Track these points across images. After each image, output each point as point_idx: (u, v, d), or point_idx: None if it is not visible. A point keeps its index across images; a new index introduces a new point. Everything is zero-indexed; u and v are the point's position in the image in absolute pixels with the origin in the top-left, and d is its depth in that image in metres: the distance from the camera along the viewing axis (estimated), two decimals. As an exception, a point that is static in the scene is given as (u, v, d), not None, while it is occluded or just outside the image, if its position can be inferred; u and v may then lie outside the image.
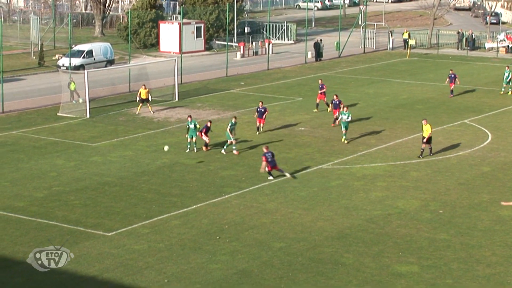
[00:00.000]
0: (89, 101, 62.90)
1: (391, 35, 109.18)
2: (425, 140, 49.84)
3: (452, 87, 70.10)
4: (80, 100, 64.15)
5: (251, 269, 33.31)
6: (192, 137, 51.72)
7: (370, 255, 35.00)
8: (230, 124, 51.90)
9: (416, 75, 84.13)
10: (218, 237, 36.62)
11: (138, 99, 63.62)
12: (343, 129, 53.60)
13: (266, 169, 45.35)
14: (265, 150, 45.49)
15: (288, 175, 45.94)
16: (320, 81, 64.94)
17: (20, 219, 39.08)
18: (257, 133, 57.02)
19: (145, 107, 63.21)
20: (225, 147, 51.60)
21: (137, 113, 62.54)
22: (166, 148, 49.86)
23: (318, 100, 63.55)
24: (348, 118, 53.14)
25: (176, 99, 68.85)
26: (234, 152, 51.54)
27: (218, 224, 38.22)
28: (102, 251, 34.88)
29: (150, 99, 63.68)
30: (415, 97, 70.74)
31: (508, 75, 71.14)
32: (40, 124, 60.08)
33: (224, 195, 43.24)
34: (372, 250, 35.57)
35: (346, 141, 53.56)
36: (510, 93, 70.28)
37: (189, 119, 52.60)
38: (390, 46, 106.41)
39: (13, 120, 61.47)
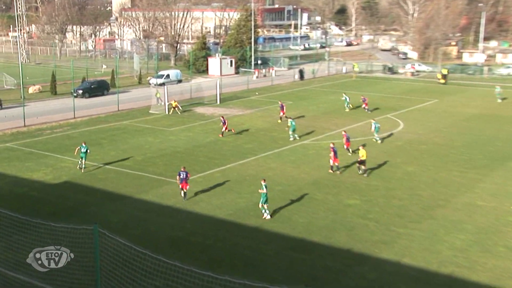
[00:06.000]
0: (167, 104, 62.58)
1: (344, 65, 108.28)
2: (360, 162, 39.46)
3: (366, 106, 64.17)
4: (162, 103, 63.95)
5: (262, 202, 33.23)
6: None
7: (331, 194, 34.88)
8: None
9: (359, 88, 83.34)
10: (245, 179, 36.58)
11: (169, 107, 62.21)
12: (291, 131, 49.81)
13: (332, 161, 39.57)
14: (332, 145, 39.58)
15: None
16: (280, 101, 60.72)
17: (128, 172, 39.18)
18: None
19: (173, 110, 62.00)
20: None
21: (169, 113, 61.25)
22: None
23: (281, 115, 57.77)
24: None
25: (218, 103, 68.35)
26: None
27: (242, 176, 38.10)
28: (175, 191, 34.74)
29: (180, 106, 62.12)
30: (358, 101, 70.19)
31: (346, 98, 64.62)
32: (139, 117, 59.81)
33: (246, 159, 43.05)
34: (332, 191, 35.42)
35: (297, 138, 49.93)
36: (348, 110, 64.09)
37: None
38: (344, 71, 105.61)
39: (124, 115, 61.25)
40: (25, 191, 35.36)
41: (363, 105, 63.72)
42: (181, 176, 33.77)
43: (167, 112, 61.63)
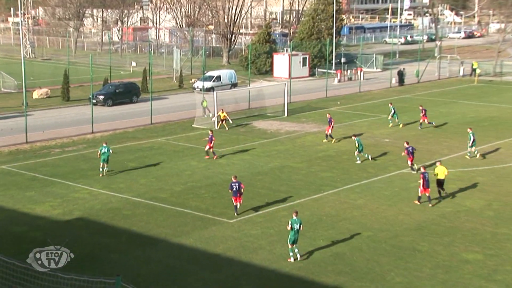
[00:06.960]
0: (217, 116, 63.06)
1: (462, 64, 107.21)
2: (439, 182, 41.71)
3: (425, 120, 63.52)
4: (211, 115, 64.57)
5: (344, 252, 32.97)
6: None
7: (442, 244, 34.38)
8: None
9: (482, 97, 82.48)
10: (322, 219, 36.31)
11: (217, 119, 62.91)
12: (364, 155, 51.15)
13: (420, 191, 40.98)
14: (423, 169, 41.27)
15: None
16: (328, 115, 59.61)
17: (163, 207, 39.55)
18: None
19: (221, 123, 62.66)
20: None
21: (217, 128, 61.72)
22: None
23: (328, 132, 58.22)
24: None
25: (286, 115, 68.68)
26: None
27: (318, 216, 37.85)
28: (225, 234, 35.00)
29: (230, 119, 62.52)
30: (481, 116, 69.11)
31: (391, 110, 64.60)
32: (179, 133, 60.77)
33: (323, 192, 42.96)
34: (443, 240, 34.93)
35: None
36: (401, 125, 64.11)
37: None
38: (461, 74, 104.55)
39: (159, 130, 62.32)
40: (24, 230, 35.86)
41: (421, 119, 63.28)
42: (234, 189, 37.82)
43: (216, 127, 62.12)
